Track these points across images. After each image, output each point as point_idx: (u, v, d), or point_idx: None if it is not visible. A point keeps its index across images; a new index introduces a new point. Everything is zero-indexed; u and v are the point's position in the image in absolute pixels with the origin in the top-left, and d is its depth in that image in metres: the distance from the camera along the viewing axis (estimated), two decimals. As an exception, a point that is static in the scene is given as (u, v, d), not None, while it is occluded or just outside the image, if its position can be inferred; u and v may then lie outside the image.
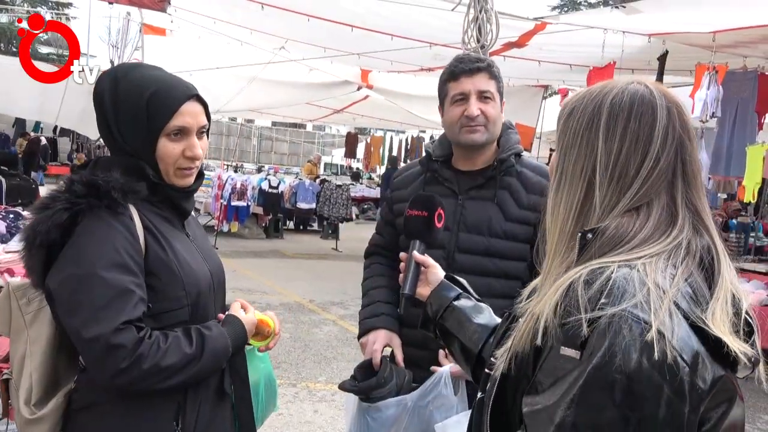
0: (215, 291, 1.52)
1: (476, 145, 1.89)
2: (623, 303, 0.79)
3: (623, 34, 5.78)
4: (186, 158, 1.42)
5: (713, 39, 5.37)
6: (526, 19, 5.91)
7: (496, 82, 1.88)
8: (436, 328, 1.34)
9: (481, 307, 1.32)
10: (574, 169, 0.93)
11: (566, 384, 0.80)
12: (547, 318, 0.84)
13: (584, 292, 0.81)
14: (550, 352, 0.84)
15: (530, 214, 1.87)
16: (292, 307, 7.02)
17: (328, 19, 6.35)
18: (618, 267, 0.83)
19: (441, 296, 1.35)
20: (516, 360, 0.92)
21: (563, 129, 0.96)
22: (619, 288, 0.80)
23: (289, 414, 4.17)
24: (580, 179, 0.92)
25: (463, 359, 1.28)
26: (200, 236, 1.59)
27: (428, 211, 1.47)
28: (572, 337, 0.80)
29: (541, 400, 0.83)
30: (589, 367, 0.78)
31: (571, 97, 0.98)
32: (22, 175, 9.10)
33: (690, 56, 5.93)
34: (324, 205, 12.11)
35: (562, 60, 7.15)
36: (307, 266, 9.80)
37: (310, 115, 14.38)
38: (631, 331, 0.77)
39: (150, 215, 1.41)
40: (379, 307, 1.96)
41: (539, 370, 0.86)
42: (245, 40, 8.07)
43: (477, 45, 4.05)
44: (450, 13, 5.22)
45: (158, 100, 1.38)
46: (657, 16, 5.40)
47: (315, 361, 5.28)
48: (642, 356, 0.76)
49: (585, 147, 0.92)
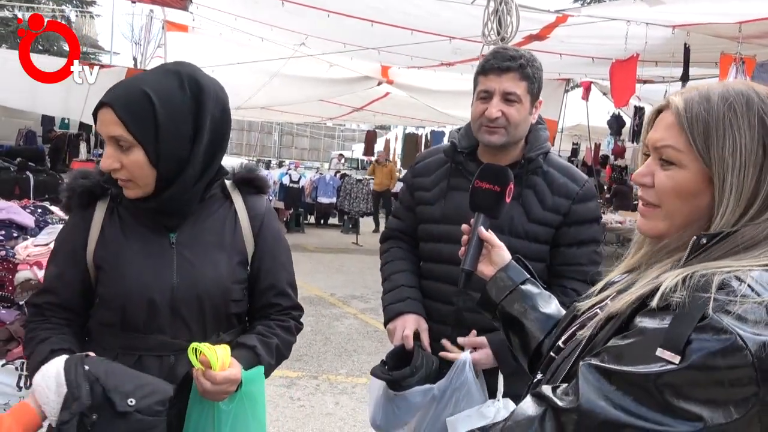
0: (176, 306, 1.41)
1: (493, 146, 1.84)
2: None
3: (646, 26, 5.69)
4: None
5: (739, 30, 5.26)
6: (547, 11, 5.85)
7: (528, 83, 1.78)
8: (497, 311, 1.25)
9: (547, 295, 1.25)
10: (749, 185, 0.88)
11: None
12: (675, 284, 0.81)
13: (718, 285, 0.79)
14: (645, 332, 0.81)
15: (553, 216, 1.83)
16: (313, 301, 7.07)
17: (349, 15, 6.36)
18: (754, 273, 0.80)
19: (507, 278, 1.26)
20: (601, 323, 0.90)
21: (731, 145, 0.89)
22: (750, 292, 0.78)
23: (310, 406, 4.21)
24: (759, 196, 0.88)
25: (522, 346, 1.21)
26: (201, 248, 1.45)
27: (501, 186, 1.36)
28: (683, 326, 0.77)
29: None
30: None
31: (704, 105, 0.91)
32: (48, 171, 9.26)
33: (714, 48, 5.82)
34: (344, 199, 12.16)
35: (585, 53, 7.06)
36: (328, 260, 9.85)
37: (331, 113, 14.40)
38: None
39: (127, 216, 1.46)
40: (404, 291, 1.92)
41: (620, 338, 0.84)
42: (266, 36, 8.11)
43: (497, 37, 4.03)
44: (470, 6, 5.20)
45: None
46: (680, 7, 5.31)
47: (336, 354, 5.33)
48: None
49: (762, 162, 0.88)
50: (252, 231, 1.52)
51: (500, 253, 1.31)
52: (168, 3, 6.92)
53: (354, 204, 12.12)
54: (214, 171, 1.46)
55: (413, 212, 2.01)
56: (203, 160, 1.41)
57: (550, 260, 1.87)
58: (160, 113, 1.33)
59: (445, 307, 1.88)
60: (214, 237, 1.48)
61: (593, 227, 1.87)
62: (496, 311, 1.25)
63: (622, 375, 0.79)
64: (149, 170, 1.36)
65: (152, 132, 1.33)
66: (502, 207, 1.38)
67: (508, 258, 1.31)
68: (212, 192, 1.50)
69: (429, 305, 1.94)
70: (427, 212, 1.96)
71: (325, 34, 7.26)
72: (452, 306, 1.86)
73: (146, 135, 1.33)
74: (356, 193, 12.12)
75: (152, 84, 1.35)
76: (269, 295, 1.55)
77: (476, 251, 1.33)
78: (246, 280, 1.52)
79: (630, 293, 0.88)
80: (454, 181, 1.90)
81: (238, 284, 1.50)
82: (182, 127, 1.36)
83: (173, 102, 1.35)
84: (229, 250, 1.48)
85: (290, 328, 1.58)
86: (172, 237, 1.45)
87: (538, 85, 1.82)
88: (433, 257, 1.93)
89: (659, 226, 0.95)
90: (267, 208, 1.58)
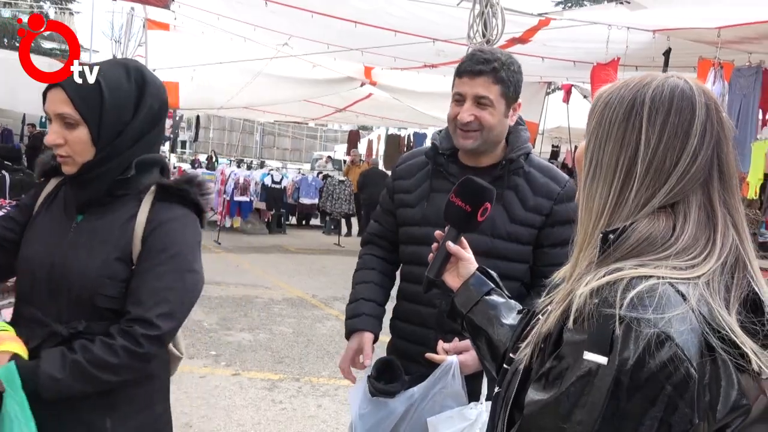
0: (47, 285, 1.47)
1: (468, 150, 1.84)
2: (665, 317, 0.77)
3: (627, 30, 5.75)
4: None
5: (718, 35, 5.33)
6: (530, 14, 5.89)
7: (502, 86, 1.77)
8: (464, 321, 1.29)
9: (512, 304, 1.28)
10: (610, 160, 0.90)
11: (584, 385, 0.79)
12: (584, 301, 0.82)
13: (625, 293, 0.79)
14: (572, 345, 0.83)
15: (535, 217, 1.83)
16: (294, 303, 7.04)
17: (333, 15, 6.34)
18: (667, 281, 0.81)
19: (472, 289, 1.29)
20: (538, 344, 0.91)
21: (599, 120, 0.93)
22: (665, 301, 0.79)
23: (292, 408, 4.19)
24: (617, 171, 0.90)
25: (490, 356, 1.25)
26: (89, 236, 1.48)
27: (472, 207, 1.35)
28: (601, 335, 0.79)
29: (548, 395, 0.83)
30: (614, 373, 0.77)
31: (606, 89, 0.96)
32: (25, 170, 9.10)
33: (694, 52, 5.90)
34: (327, 200, 12.12)
35: (566, 56, 7.11)
36: (310, 261, 9.82)
37: (313, 113, 14.36)
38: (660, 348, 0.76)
39: (61, 194, 1.58)
40: (361, 305, 1.97)
41: (553, 358, 0.85)
42: (249, 36, 8.06)
43: (483, 40, 4.04)
44: (454, 8, 5.21)
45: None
46: (661, 12, 5.37)
47: (318, 356, 5.30)
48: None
49: (623, 139, 0.90)
50: (143, 233, 1.48)
51: (467, 266, 1.34)
52: (150, 1, 6.84)
53: (336, 205, 12.08)
54: (127, 162, 1.50)
55: (393, 216, 2.01)
56: (128, 146, 1.50)
57: (533, 261, 1.87)
58: (106, 97, 1.45)
59: (427, 310, 1.87)
60: (105, 230, 1.50)
61: (575, 227, 1.88)
62: (464, 322, 1.29)
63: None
64: (89, 148, 1.47)
65: (97, 113, 1.45)
66: (472, 225, 1.38)
67: (473, 269, 1.34)
68: (128, 191, 1.52)
69: (411, 308, 1.93)
70: (408, 215, 1.95)
71: (309, 34, 7.23)
72: (434, 308, 1.85)
73: (92, 115, 1.45)
74: (338, 193, 12.08)
75: (102, 71, 1.48)
76: (129, 299, 1.46)
77: (442, 260, 1.35)
78: (125, 280, 1.47)
79: (554, 309, 0.90)
80: (436, 183, 1.90)
81: (112, 280, 1.46)
82: (124, 113, 1.49)
83: (120, 89, 1.48)
84: (111, 245, 1.48)
85: (113, 348, 1.40)
86: (77, 220, 1.52)
87: (513, 89, 1.81)
88: (414, 260, 1.92)
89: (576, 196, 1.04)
90: (172, 217, 1.50)
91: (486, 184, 1.40)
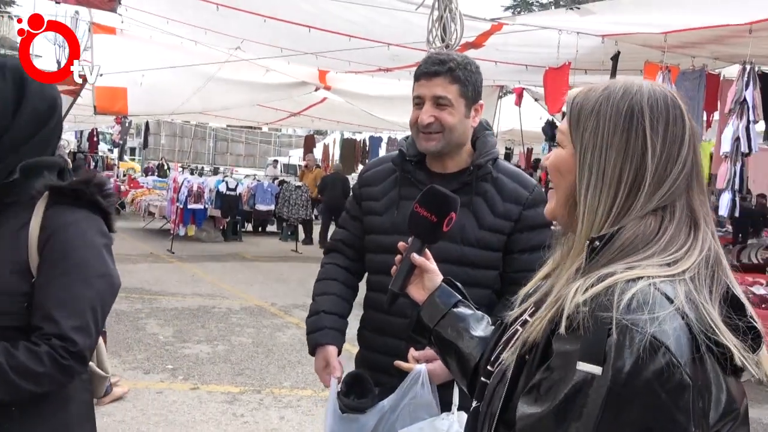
0: None
1: (433, 153, 1.82)
2: (657, 320, 0.77)
3: (577, 35, 5.89)
4: None
5: (665, 39, 5.51)
6: (483, 20, 5.96)
7: (460, 86, 1.76)
8: (432, 335, 1.25)
9: (480, 315, 1.25)
10: (613, 170, 0.90)
11: (581, 397, 0.78)
12: (576, 306, 0.81)
13: (621, 297, 0.79)
14: (563, 353, 0.81)
15: (504, 223, 1.83)
16: (253, 312, 6.91)
17: (285, 20, 6.28)
18: (656, 281, 0.81)
19: (438, 302, 1.25)
20: (523, 350, 0.90)
21: (593, 129, 0.92)
22: (657, 304, 0.79)
23: (254, 422, 4.09)
24: (623, 181, 0.90)
25: (460, 369, 1.21)
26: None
27: (438, 217, 1.32)
28: (595, 343, 0.78)
29: (541, 408, 0.82)
30: (608, 382, 0.76)
31: (582, 96, 0.95)
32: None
33: (641, 56, 6.09)
34: (283, 206, 11.98)
35: (519, 60, 7.23)
36: (267, 269, 9.68)
37: (267, 118, 14.20)
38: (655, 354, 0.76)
39: None
40: (322, 319, 1.93)
41: (544, 369, 0.84)
42: (199, 40, 7.91)
43: (442, 44, 4.06)
44: (409, 13, 5.22)
45: None
46: (610, 18, 5.52)
47: (279, 366, 5.21)
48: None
49: (626, 148, 0.90)
50: (38, 242, 1.37)
51: (432, 278, 1.30)
52: (95, 4, 6.63)
53: (293, 210, 11.95)
54: (11, 168, 1.37)
55: (360, 222, 1.98)
56: (11, 151, 1.37)
57: (504, 267, 1.87)
58: None
59: (398, 321, 1.84)
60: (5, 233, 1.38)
61: (545, 232, 1.87)
62: (431, 336, 1.25)
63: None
64: None
65: None
66: (438, 236, 1.34)
67: (439, 281, 1.30)
68: (17, 198, 1.39)
69: (380, 318, 1.90)
70: (376, 222, 1.92)
71: (262, 38, 7.14)
72: (405, 318, 1.82)
73: None
74: (295, 199, 11.96)
75: None
76: (35, 315, 1.34)
77: (407, 273, 1.31)
78: (26, 294, 1.36)
79: (540, 316, 0.89)
80: (405, 190, 1.88)
81: (10, 296, 1.35)
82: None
83: None
84: (5, 258, 1.36)
85: (38, 355, 1.30)
86: None
87: (473, 88, 1.80)
88: (382, 269, 1.88)
89: (551, 204, 1.01)
90: (71, 221, 1.40)
91: (450, 193, 1.37)
